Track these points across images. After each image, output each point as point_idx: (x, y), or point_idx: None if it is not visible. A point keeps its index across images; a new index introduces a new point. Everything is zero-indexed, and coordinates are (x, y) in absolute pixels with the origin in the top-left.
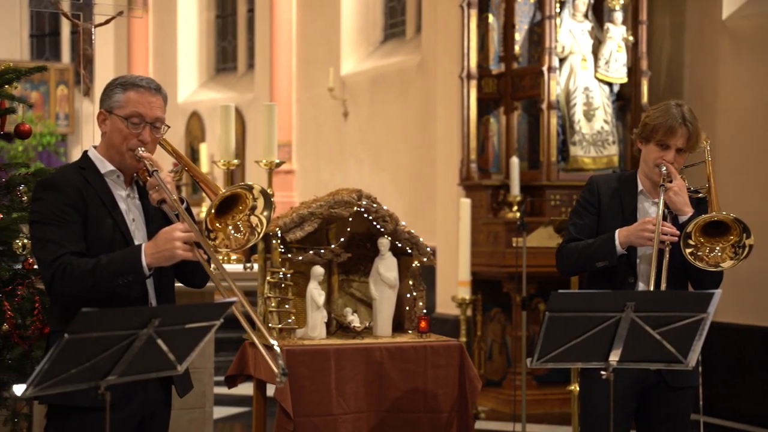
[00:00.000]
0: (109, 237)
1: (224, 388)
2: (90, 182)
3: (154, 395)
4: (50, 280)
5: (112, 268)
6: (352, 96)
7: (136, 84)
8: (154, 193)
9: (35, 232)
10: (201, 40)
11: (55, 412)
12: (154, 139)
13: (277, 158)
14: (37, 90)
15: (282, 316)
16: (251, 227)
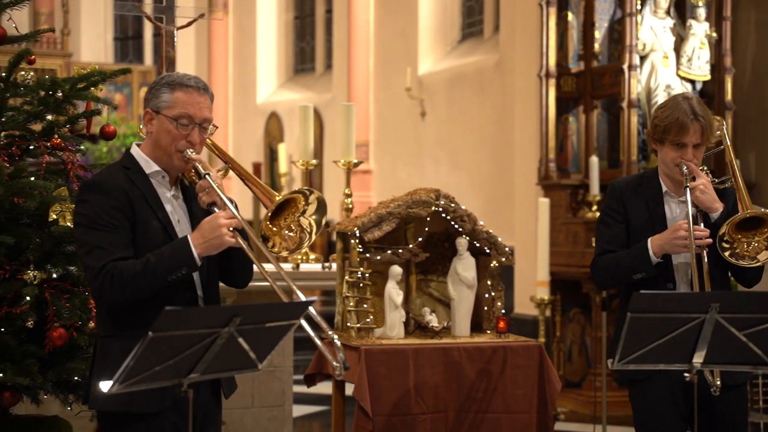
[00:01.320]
0: (157, 240)
1: (303, 386)
2: (135, 183)
3: (206, 398)
4: (99, 289)
5: (164, 264)
6: (430, 96)
7: (184, 84)
8: (204, 195)
9: (81, 236)
10: (280, 41)
11: (110, 419)
12: (202, 140)
13: (354, 158)
14: (121, 92)
15: (360, 316)
16: (302, 228)
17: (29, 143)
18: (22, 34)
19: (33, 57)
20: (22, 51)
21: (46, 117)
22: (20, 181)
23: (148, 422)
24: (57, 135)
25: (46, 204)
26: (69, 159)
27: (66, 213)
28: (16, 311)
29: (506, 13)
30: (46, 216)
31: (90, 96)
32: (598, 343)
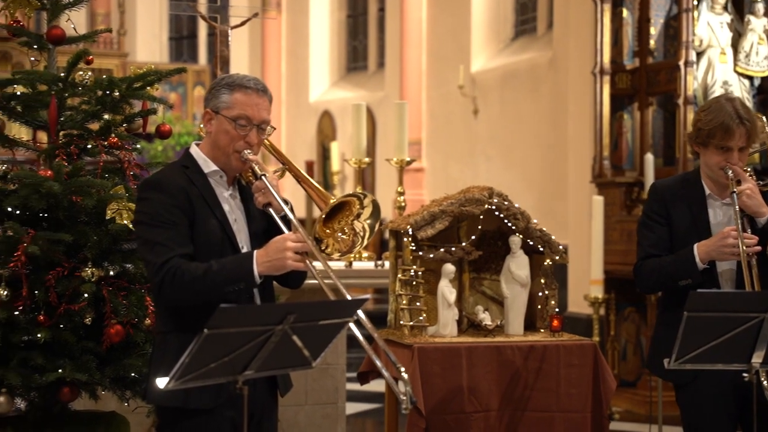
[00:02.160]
0: (215, 238)
1: (356, 384)
2: (194, 182)
3: (263, 394)
4: (159, 284)
5: (224, 275)
6: (483, 93)
7: (244, 85)
8: (260, 196)
9: (142, 233)
10: (332, 39)
11: (167, 413)
12: (259, 141)
13: (407, 156)
14: (176, 91)
15: (413, 314)
16: (354, 232)
17: (87, 142)
18: (80, 35)
19: (91, 57)
20: (81, 51)
21: (104, 116)
22: (78, 180)
23: (205, 418)
24: (114, 134)
25: (104, 202)
26: (125, 158)
27: (122, 211)
28: (74, 308)
29: (560, 9)
30: (103, 214)
31: (146, 95)
32: None
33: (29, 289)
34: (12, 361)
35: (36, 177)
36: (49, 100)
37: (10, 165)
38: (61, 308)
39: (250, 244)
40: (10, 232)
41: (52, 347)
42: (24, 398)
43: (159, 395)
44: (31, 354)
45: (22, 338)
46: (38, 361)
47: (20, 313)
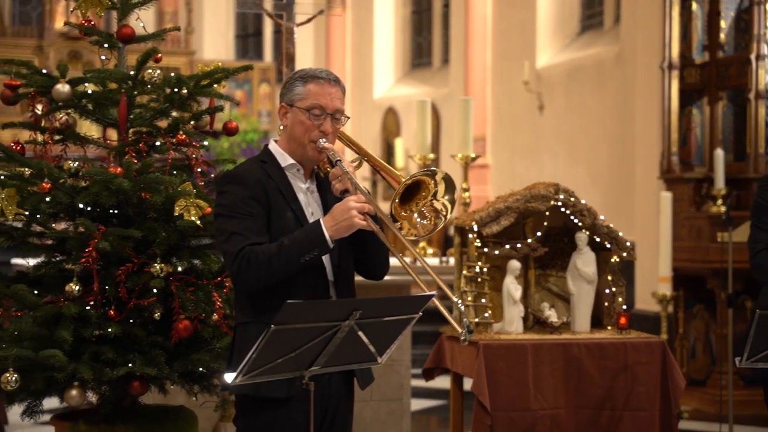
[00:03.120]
0: (290, 230)
1: (421, 380)
2: (271, 176)
3: (338, 388)
4: (236, 272)
5: (296, 246)
6: (548, 89)
7: (316, 76)
8: (337, 183)
9: (220, 225)
10: (397, 36)
11: (246, 403)
12: (334, 131)
13: (472, 152)
14: (242, 88)
15: (478, 311)
16: (436, 212)
17: (156, 139)
18: (149, 34)
19: (159, 55)
20: (150, 50)
21: (172, 114)
22: (147, 177)
23: (279, 408)
24: (182, 131)
25: (172, 199)
26: (193, 155)
27: (191, 208)
28: (143, 303)
29: (627, 3)
30: (171, 210)
31: (213, 93)
32: (724, 340)
33: (100, 285)
34: (84, 356)
35: (106, 174)
36: (119, 98)
37: (81, 162)
38: (131, 303)
39: None
40: (82, 229)
41: (123, 342)
42: (96, 392)
43: (235, 384)
44: (102, 348)
45: (93, 333)
46: (109, 355)
47: (91, 308)
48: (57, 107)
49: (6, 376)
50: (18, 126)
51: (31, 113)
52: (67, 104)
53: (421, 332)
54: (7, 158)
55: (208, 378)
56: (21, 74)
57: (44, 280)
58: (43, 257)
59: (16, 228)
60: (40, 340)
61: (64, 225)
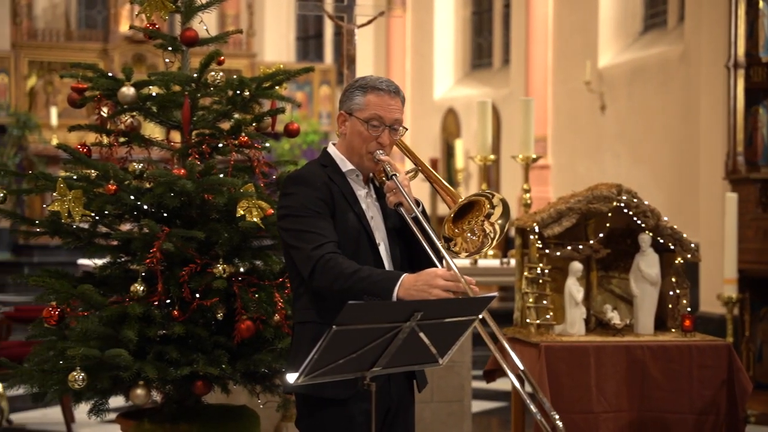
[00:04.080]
0: (353, 232)
1: (482, 382)
2: (333, 179)
3: (399, 388)
4: (312, 270)
5: (366, 284)
6: (610, 89)
7: (376, 87)
8: (391, 196)
9: (290, 225)
10: (457, 37)
11: (306, 403)
12: (391, 142)
13: (533, 153)
14: (302, 90)
15: (540, 312)
16: (485, 233)
17: (218, 141)
18: (212, 36)
19: (222, 58)
20: (213, 52)
21: (234, 116)
22: (210, 178)
23: (340, 407)
24: (244, 133)
25: (234, 200)
26: (255, 156)
27: (252, 209)
28: (206, 303)
29: (692, 2)
30: (234, 212)
31: (275, 95)
32: None
33: (164, 285)
34: (148, 355)
35: (170, 176)
36: (183, 100)
37: (146, 164)
38: (194, 304)
39: (388, 242)
40: (146, 230)
41: (186, 342)
42: (160, 391)
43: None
44: (166, 348)
45: (157, 333)
46: (173, 355)
47: (156, 308)
48: (122, 110)
49: (73, 374)
50: (84, 128)
51: (97, 116)
52: (132, 107)
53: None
54: (74, 160)
55: (270, 378)
56: (87, 78)
57: (110, 280)
58: (109, 258)
59: (83, 229)
60: (106, 339)
61: (129, 226)
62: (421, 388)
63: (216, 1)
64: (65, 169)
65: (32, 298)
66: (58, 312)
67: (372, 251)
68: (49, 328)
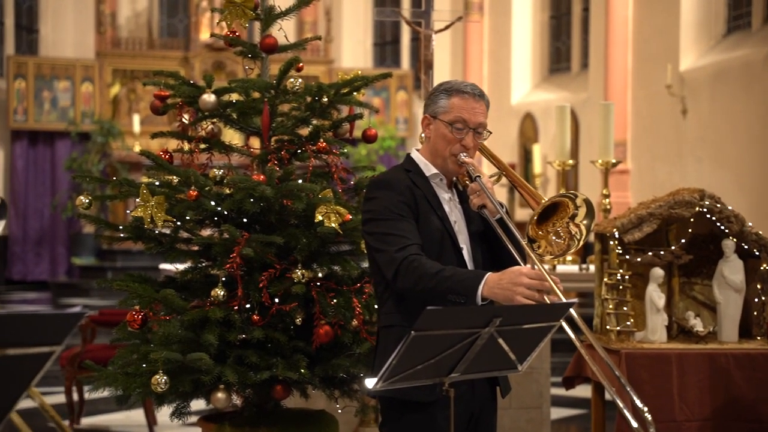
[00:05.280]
0: (436, 236)
1: (561, 389)
2: (416, 184)
3: (483, 393)
4: (395, 272)
5: (450, 283)
6: (692, 92)
7: (461, 90)
8: (475, 198)
9: (373, 228)
10: (535, 41)
11: (391, 407)
12: (475, 145)
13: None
14: (379, 96)
15: (620, 319)
16: (570, 234)
17: (297, 147)
18: (291, 43)
19: (301, 65)
20: (292, 59)
21: (312, 122)
22: (289, 184)
23: (425, 412)
24: (322, 139)
25: (313, 206)
26: (333, 162)
27: (331, 214)
28: (285, 308)
29: None
30: (312, 217)
31: (353, 101)
32: None
33: (244, 290)
34: (229, 359)
35: (250, 181)
36: (262, 107)
37: (226, 170)
38: (274, 308)
39: (470, 245)
40: (227, 235)
41: (265, 346)
42: (240, 395)
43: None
44: (246, 352)
45: (237, 337)
46: (253, 359)
47: (236, 313)
48: (203, 117)
49: (156, 378)
50: (166, 135)
51: (179, 123)
52: (213, 114)
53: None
54: (156, 167)
55: (349, 383)
56: (169, 85)
57: (191, 285)
58: (190, 263)
59: (165, 234)
60: (187, 343)
61: (210, 231)
62: (504, 394)
63: (295, 9)
64: (148, 176)
65: (116, 302)
66: (141, 316)
67: (455, 254)
68: (133, 331)
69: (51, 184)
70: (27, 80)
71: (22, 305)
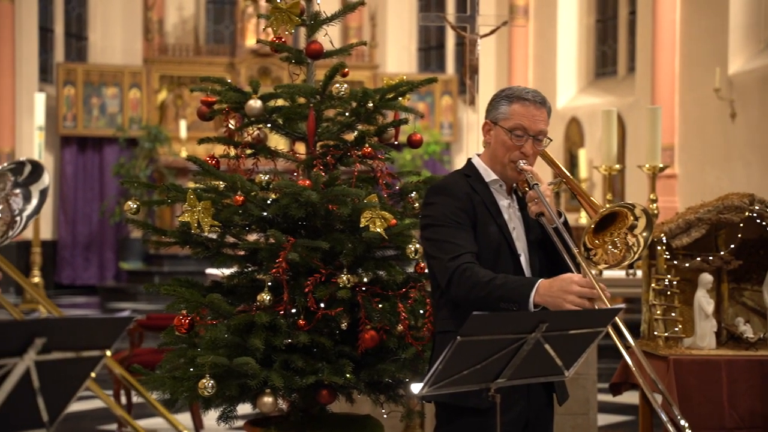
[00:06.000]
0: (495, 243)
1: (608, 395)
2: (476, 190)
3: (538, 399)
4: (449, 280)
5: (503, 291)
6: (741, 96)
7: (522, 97)
8: (533, 205)
9: (430, 235)
10: (580, 45)
11: (445, 411)
12: (535, 152)
13: (660, 162)
14: (424, 101)
15: (668, 325)
16: (627, 246)
17: (342, 152)
18: (336, 49)
19: (347, 70)
20: (338, 65)
21: (358, 127)
22: (334, 189)
23: (480, 417)
24: (368, 144)
25: (358, 211)
26: (378, 167)
27: (376, 219)
28: (331, 313)
29: None
30: (357, 222)
31: (398, 106)
32: None
33: (290, 295)
34: (275, 363)
35: (295, 186)
36: (308, 112)
37: (272, 175)
38: (319, 313)
39: (528, 252)
40: (272, 240)
41: (311, 351)
42: (286, 399)
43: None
44: (292, 357)
45: (283, 341)
46: (298, 363)
47: (282, 318)
48: (249, 122)
49: (203, 382)
50: (213, 141)
51: (225, 128)
52: (259, 119)
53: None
54: (203, 172)
55: (394, 388)
56: (216, 91)
57: (237, 289)
58: (236, 267)
59: (211, 239)
60: (234, 347)
61: (256, 236)
62: (561, 401)
63: (340, 14)
64: (194, 181)
65: (163, 306)
66: (188, 320)
67: (513, 262)
68: (180, 336)
69: (99, 190)
70: (76, 87)
71: (72, 309)
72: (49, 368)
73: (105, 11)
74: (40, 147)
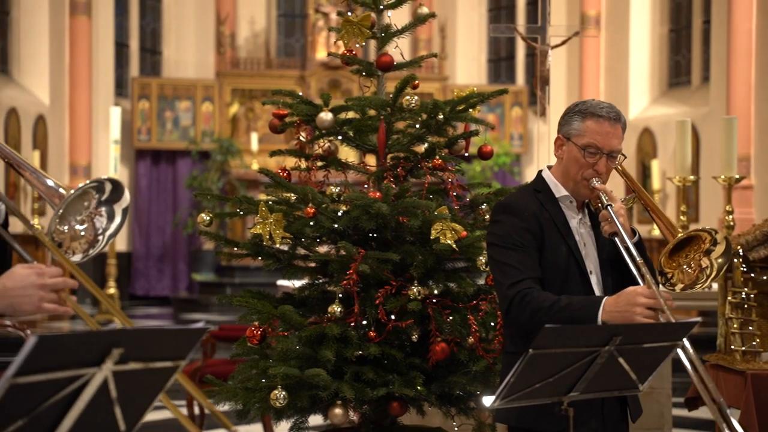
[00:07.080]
0: (564, 264)
1: (684, 409)
2: (545, 206)
3: (612, 416)
4: (508, 306)
5: (567, 313)
6: None
7: (596, 113)
8: (606, 225)
9: (493, 254)
10: (653, 55)
11: None
12: (608, 170)
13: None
14: (493, 112)
15: (745, 339)
16: (701, 268)
17: (413, 164)
18: (406, 61)
19: (417, 82)
20: (408, 77)
21: (428, 139)
22: (405, 201)
23: None
24: (438, 156)
25: (428, 222)
26: (448, 179)
27: (446, 231)
28: (401, 325)
29: None
30: (428, 234)
31: (468, 117)
32: None
33: (360, 306)
34: (346, 375)
35: (366, 199)
36: (378, 124)
37: (342, 187)
38: (390, 325)
39: (599, 271)
40: (343, 252)
41: (382, 363)
42: (357, 411)
43: (510, 416)
44: (363, 368)
45: (354, 353)
46: (369, 375)
47: (352, 329)
48: (320, 135)
49: (275, 393)
50: (284, 153)
51: (296, 141)
52: (330, 131)
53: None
54: (274, 184)
55: (465, 400)
56: (287, 104)
57: (308, 301)
58: (307, 279)
59: (283, 251)
60: (305, 359)
61: (327, 248)
62: (634, 417)
63: (410, 27)
64: (266, 193)
65: (235, 317)
66: (260, 332)
67: (582, 281)
68: (252, 347)
69: (172, 202)
70: (150, 101)
71: (145, 320)
72: (126, 378)
73: (178, 26)
74: (116, 160)
